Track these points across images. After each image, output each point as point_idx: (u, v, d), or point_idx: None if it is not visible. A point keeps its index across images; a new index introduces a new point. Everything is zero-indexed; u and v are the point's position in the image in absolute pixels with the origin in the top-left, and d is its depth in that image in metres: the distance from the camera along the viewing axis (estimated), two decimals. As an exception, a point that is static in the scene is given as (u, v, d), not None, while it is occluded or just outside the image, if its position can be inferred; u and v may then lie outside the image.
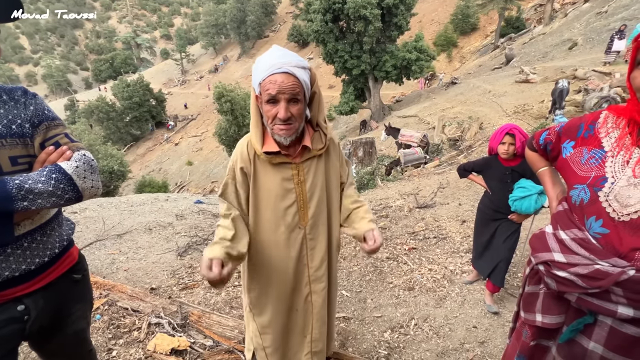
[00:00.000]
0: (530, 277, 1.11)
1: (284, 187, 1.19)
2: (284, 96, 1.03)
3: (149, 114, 36.07)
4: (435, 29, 32.61)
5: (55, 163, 0.87)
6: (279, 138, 1.11)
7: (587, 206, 0.93)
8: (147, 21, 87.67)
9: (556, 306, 1.01)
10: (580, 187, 0.95)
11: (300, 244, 1.26)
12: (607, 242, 0.88)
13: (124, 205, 5.30)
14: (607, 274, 0.85)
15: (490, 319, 2.31)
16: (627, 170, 0.88)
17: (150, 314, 2.15)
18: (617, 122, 0.95)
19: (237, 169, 1.18)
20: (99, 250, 3.47)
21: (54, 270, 0.97)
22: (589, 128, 0.99)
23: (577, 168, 0.98)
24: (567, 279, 0.92)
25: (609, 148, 0.93)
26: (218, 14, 50.56)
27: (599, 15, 17.67)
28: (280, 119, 1.05)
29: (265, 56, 1.08)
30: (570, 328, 0.97)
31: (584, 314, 0.95)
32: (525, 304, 1.11)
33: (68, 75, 66.85)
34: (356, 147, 10.45)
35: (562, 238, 0.97)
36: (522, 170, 2.17)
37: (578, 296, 0.93)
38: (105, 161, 14.25)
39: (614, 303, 0.87)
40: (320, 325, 1.36)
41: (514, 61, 18.46)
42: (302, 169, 1.20)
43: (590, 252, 0.90)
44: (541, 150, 1.17)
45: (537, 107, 10.08)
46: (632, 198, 0.85)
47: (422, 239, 3.61)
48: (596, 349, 0.93)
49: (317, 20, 17.70)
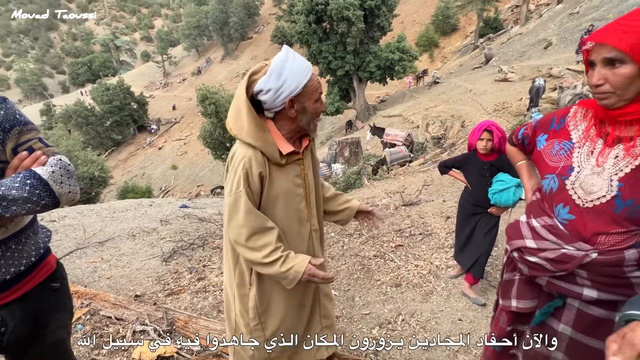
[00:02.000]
0: (507, 265, 1.17)
1: (296, 183, 1.23)
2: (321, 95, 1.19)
3: (131, 117, 35.14)
4: (417, 29, 33.20)
5: (30, 168, 0.84)
6: (313, 134, 1.25)
7: (555, 194, 0.99)
8: (126, 23, 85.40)
9: (529, 291, 1.07)
10: (550, 176, 1.01)
11: (308, 235, 1.29)
12: (573, 228, 0.94)
13: (105, 212, 5.15)
14: (572, 257, 0.91)
15: (475, 311, 2.37)
16: (591, 159, 0.94)
17: (134, 321, 2.11)
18: (584, 116, 1.01)
19: (254, 175, 1.11)
20: (80, 258, 3.36)
21: (31, 279, 0.94)
22: (560, 121, 1.06)
23: (549, 159, 1.04)
24: (537, 264, 0.98)
25: (577, 139, 0.99)
26: (200, 15, 49.79)
27: (571, 16, 18.43)
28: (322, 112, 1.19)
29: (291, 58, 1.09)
30: (541, 311, 1.02)
31: (555, 298, 1.01)
32: (502, 291, 1.17)
33: (43, 79, 64.26)
34: (342, 147, 10.52)
35: (533, 225, 1.03)
36: (500, 164, 2.25)
37: (548, 280, 0.99)
38: (85, 167, 13.83)
39: (579, 286, 0.93)
40: (327, 302, 1.42)
41: (493, 61, 19.01)
42: (305, 162, 1.26)
43: (558, 238, 0.96)
44: (519, 144, 1.23)
45: (516, 105, 10.42)
46: (595, 186, 0.91)
47: (408, 236, 3.67)
48: (565, 331, 0.98)
49: (300, 21, 17.74)
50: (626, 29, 0.82)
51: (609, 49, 0.83)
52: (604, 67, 0.86)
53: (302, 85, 1.09)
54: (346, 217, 1.48)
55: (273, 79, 1.07)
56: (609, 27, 0.86)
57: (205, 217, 4.86)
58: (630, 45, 0.80)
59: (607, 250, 0.89)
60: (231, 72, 44.72)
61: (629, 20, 0.84)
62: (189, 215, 5.05)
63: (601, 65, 0.87)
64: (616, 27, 0.84)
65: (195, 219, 4.84)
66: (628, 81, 0.83)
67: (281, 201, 1.19)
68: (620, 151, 0.90)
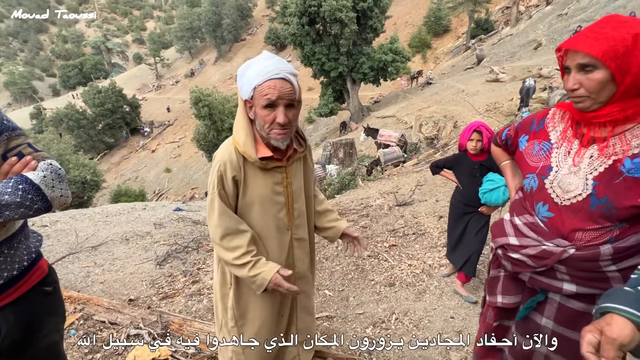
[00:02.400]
0: (492, 262, 1.21)
1: (275, 191, 1.21)
2: (282, 101, 1.06)
3: (123, 120, 34.81)
4: (409, 31, 33.47)
5: (21, 174, 0.85)
6: (276, 142, 1.12)
7: (536, 193, 1.03)
8: (118, 25, 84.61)
9: (513, 287, 1.11)
10: (531, 176, 1.05)
11: (288, 244, 1.29)
12: (553, 225, 0.99)
13: (98, 216, 5.11)
14: (552, 253, 0.95)
15: (467, 309, 2.41)
16: (568, 159, 0.98)
17: (128, 325, 2.10)
18: (562, 117, 1.05)
19: (228, 178, 1.13)
20: (72, 263, 3.33)
21: (24, 283, 0.94)
22: (540, 123, 1.10)
23: (529, 159, 1.08)
24: (520, 260, 1.02)
25: (555, 140, 1.03)
26: (192, 17, 49.59)
27: (560, 17, 18.76)
28: (279, 123, 1.07)
29: (258, 61, 1.09)
30: (525, 306, 1.06)
31: (537, 293, 1.04)
32: (489, 288, 1.21)
33: (33, 82, 63.34)
34: (337, 148, 10.56)
35: (516, 223, 1.07)
36: (490, 164, 2.30)
37: (530, 276, 1.03)
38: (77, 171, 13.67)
39: (559, 280, 0.97)
40: (306, 315, 1.41)
41: (484, 61, 19.25)
42: (289, 171, 1.23)
43: (538, 235, 1.00)
44: (503, 145, 1.27)
45: (507, 105, 10.56)
46: (572, 184, 0.95)
47: (402, 236, 3.71)
48: (548, 324, 1.02)
49: (293, 23, 17.79)
50: (597, 36, 0.86)
51: (582, 55, 0.87)
52: (578, 73, 0.90)
53: (252, 88, 1.07)
54: (332, 235, 1.45)
55: (238, 78, 1.13)
56: (581, 35, 0.89)
57: (200, 220, 4.85)
58: (602, 52, 0.83)
59: (584, 246, 0.93)
60: (225, 74, 44.58)
61: (599, 28, 0.87)
62: (183, 218, 5.03)
63: (576, 71, 0.90)
64: (588, 35, 0.87)
65: (190, 222, 4.82)
66: (601, 86, 0.86)
67: (257, 206, 1.19)
68: (594, 151, 0.94)
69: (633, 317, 0.70)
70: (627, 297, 0.74)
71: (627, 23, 0.85)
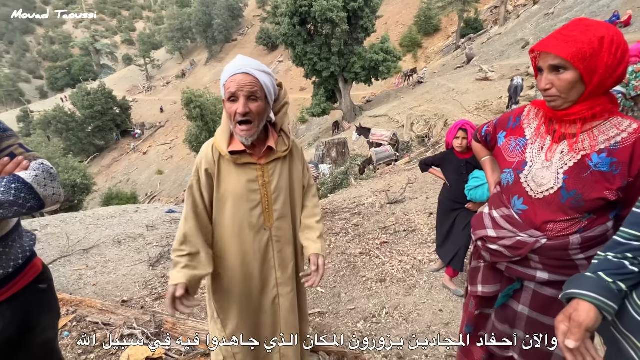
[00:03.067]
0: (473, 254, 1.27)
1: (249, 188, 1.21)
2: (242, 93, 1.10)
3: (113, 122, 34.36)
4: (400, 30, 33.69)
5: (13, 173, 0.88)
6: (240, 138, 1.15)
7: (512, 187, 1.08)
8: (107, 25, 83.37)
9: (492, 276, 1.17)
10: (508, 170, 1.10)
11: (265, 245, 1.26)
12: (527, 217, 1.04)
13: (89, 220, 5.07)
14: (525, 243, 1.01)
15: (455, 302, 2.48)
16: (541, 155, 1.03)
17: (122, 326, 2.12)
18: (537, 115, 1.10)
19: (202, 170, 1.20)
20: (64, 267, 3.32)
21: (19, 281, 0.97)
22: (516, 120, 1.15)
23: (507, 154, 1.13)
24: (497, 251, 1.08)
25: (530, 136, 1.08)
26: (183, 17, 49.11)
27: (547, 16, 19.10)
28: (239, 113, 1.09)
29: (230, 63, 1.16)
30: (502, 294, 1.12)
31: (514, 282, 1.11)
32: (470, 278, 1.26)
33: (20, 84, 62.10)
34: (329, 147, 10.61)
35: (494, 216, 1.13)
36: (476, 162, 2.35)
37: (507, 265, 1.09)
38: (67, 174, 13.46)
39: (533, 269, 1.04)
40: (289, 328, 1.35)
41: (474, 60, 19.51)
42: (267, 170, 1.23)
43: (514, 226, 1.06)
44: (483, 141, 1.32)
45: (496, 103, 10.75)
46: (544, 179, 1.00)
47: (393, 233, 3.77)
48: (524, 310, 1.09)
49: (284, 23, 17.78)
50: (567, 39, 0.91)
51: (553, 57, 0.92)
52: (550, 73, 0.95)
53: (223, 82, 1.14)
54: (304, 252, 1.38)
55: None
56: (551, 38, 0.95)
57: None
58: (571, 54, 0.88)
59: (555, 236, 0.99)
60: (216, 75, 44.26)
61: (568, 31, 0.92)
62: (175, 220, 5.03)
63: (548, 72, 0.95)
64: (558, 37, 0.93)
65: (182, 223, 4.82)
66: (570, 85, 0.92)
67: (230, 202, 1.21)
68: (565, 147, 0.99)
69: (596, 302, 0.76)
70: (589, 283, 0.80)
71: (593, 27, 0.90)
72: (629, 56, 0.92)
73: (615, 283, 0.78)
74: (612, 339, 0.83)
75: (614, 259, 0.81)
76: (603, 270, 0.80)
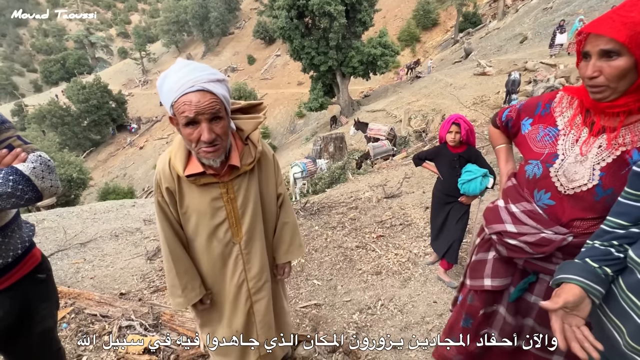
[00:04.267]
0: (480, 246, 1.22)
1: (213, 206, 1.14)
2: (204, 117, 0.95)
3: (109, 117, 34.01)
4: (398, 24, 33.47)
5: (11, 165, 0.89)
6: (207, 161, 1.05)
7: (539, 180, 1.01)
8: (101, 18, 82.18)
9: (504, 269, 1.13)
10: (535, 162, 1.02)
11: (235, 258, 1.22)
12: (552, 212, 0.99)
13: (86, 214, 5.07)
14: (551, 240, 0.97)
15: (449, 294, 2.52)
16: (575, 148, 0.95)
17: (120, 317, 2.14)
18: (570, 102, 1.00)
19: (163, 188, 1.12)
20: (62, 260, 3.33)
21: (18, 270, 0.99)
22: (546, 107, 1.05)
23: (533, 144, 1.04)
24: (517, 246, 1.04)
25: (562, 126, 0.99)
26: (179, 10, 48.42)
27: (545, 10, 19.05)
28: (205, 142, 0.96)
29: (171, 72, 0.97)
30: (518, 287, 1.10)
31: (528, 274, 1.08)
32: (472, 272, 1.22)
33: (13, 77, 61.24)
34: (327, 142, 10.60)
35: (513, 211, 1.07)
36: (468, 155, 2.41)
37: (525, 260, 1.05)
38: (63, 169, 13.36)
39: (554, 264, 1.01)
40: (266, 330, 1.34)
41: (472, 55, 19.46)
42: (230, 187, 1.14)
43: (537, 222, 1.00)
44: (503, 127, 1.21)
45: (494, 98, 10.76)
46: (577, 174, 0.94)
47: (389, 227, 3.81)
48: (537, 301, 1.08)
49: (282, 16, 17.60)
50: (624, 19, 0.79)
51: (606, 41, 0.80)
52: (599, 59, 0.83)
53: (169, 104, 0.97)
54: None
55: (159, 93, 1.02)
56: (605, 18, 0.83)
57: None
58: (629, 37, 0.77)
59: (581, 233, 0.96)
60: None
61: (625, 11, 0.80)
62: (173, 214, 5.04)
63: (597, 57, 0.84)
64: (613, 18, 0.80)
65: (180, 218, 4.83)
66: (622, 73, 0.81)
67: (194, 219, 1.16)
68: (604, 141, 0.91)
69: (581, 284, 0.80)
70: (576, 268, 0.83)
71: None
72: None
73: (601, 268, 0.81)
74: (598, 321, 0.86)
75: (600, 247, 0.84)
76: (590, 256, 0.84)
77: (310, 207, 4.69)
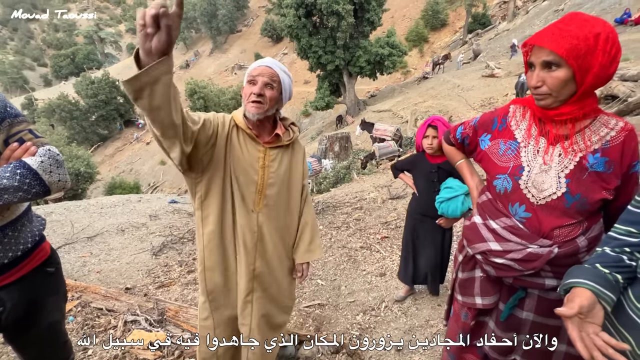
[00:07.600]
0: (464, 264, 1.19)
1: (252, 165, 1.25)
2: (261, 78, 1.20)
3: (117, 112, 34.37)
4: (406, 24, 33.28)
5: (20, 159, 0.89)
6: (248, 114, 1.23)
7: (510, 194, 1.01)
8: (111, 14, 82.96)
9: (492, 288, 1.11)
10: (502, 176, 1.02)
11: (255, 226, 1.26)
12: (531, 225, 0.98)
13: (93, 208, 5.12)
14: (538, 255, 0.96)
15: (454, 297, 2.50)
16: (538, 158, 0.98)
17: (125, 312, 2.16)
18: (523, 114, 1.03)
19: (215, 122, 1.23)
20: (69, 253, 3.37)
21: (27, 263, 0.99)
22: (502, 121, 1.07)
23: (497, 159, 1.05)
24: (504, 265, 1.01)
25: (521, 139, 1.01)
26: (187, 7, 48.64)
27: (556, 12, 18.79)
28: (254, 93, 1.18)
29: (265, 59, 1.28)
30: (508, 305, 1.07)
31: (516, 290, 1.06)
32: (462, 289, 1.19)
33: (24, 71, 62.10)
34: (332, 142, 10.59)
35: (493, 227, 1.04)
36: (450, 167, 1.92)
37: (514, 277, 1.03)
38: (71, 163, 13.54)
39: (542, 277, 1.00)
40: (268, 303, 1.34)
41: (481, 56, 19.28)
42: (268, 154, 1.28)
43: (521, 237, 0.99)
44: (458, 144, 1.22)
45: (502, 101, 10.65)
46: (545, 183, 0.95)
47: (394, 228, 3.79)
48: (528, 317, 1.05)
49: (290, 15, 17.60)
50: (563, 33, 0.84)
51: (547, 52, 0.86)
52: (542, 70, 0.89)
53: (247, 73, 1.26)
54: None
55: None
56: (547, 31, 0.88)
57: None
58: (566, 50, 0.83)
59: (563, 242, 0.96)
60: (220, 66, 44.05)
61: (564, 25, 0.86)
62: (178, 210, 5.07)
63: (540, 68, 0.89)
64: (554, 31, 0.86)
65: (185, 214, 4.86)
66: (563, 84, 0.87)
67: (233, 164, 1.23)
68: (561, 149, 0.95)
69: (592, 289, 0.77)
70: (586, 272, 0.81)
71: (590, 22, 0.85)
72: (620, 55, 0.86)
73: (612, 274, 0.79)
74: (606, 331, 0.84)
75: (611, 253, 0.82)
76: (601, 262, 0.82)
77: (315, 207, 4.69)
